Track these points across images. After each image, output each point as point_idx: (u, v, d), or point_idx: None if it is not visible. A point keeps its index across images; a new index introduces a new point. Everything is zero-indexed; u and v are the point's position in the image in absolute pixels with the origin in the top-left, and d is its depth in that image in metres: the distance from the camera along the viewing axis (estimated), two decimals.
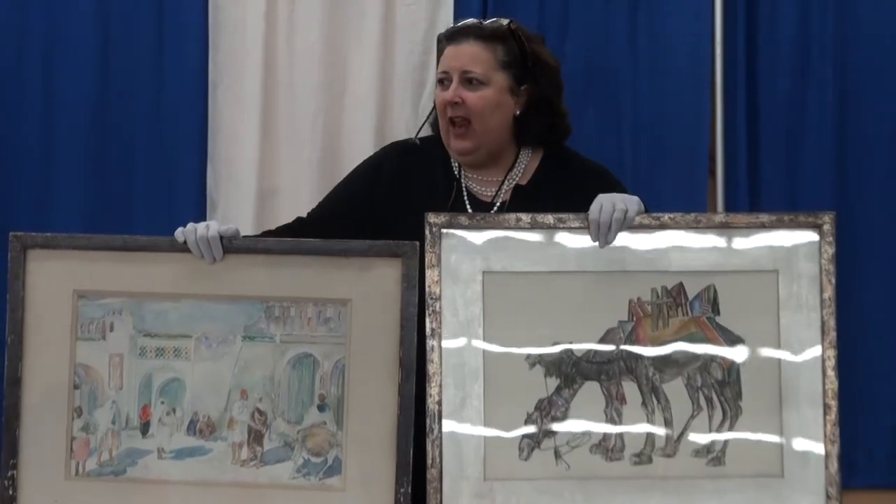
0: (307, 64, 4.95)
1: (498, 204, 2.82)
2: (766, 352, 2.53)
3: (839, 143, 5.12)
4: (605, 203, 2.55)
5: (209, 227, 2.57)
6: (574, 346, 2.53)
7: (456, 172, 2.86)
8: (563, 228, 2.54)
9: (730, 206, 5.04)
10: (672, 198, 4.94)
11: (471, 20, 2.92)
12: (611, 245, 2.54)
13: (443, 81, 2.82)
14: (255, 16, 5.00)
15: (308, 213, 2.90)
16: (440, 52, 2.86)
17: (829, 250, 2.53)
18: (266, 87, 4.96)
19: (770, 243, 2.55)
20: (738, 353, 2.53)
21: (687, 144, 5.13)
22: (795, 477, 2.49)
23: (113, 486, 2.54)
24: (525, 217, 2.55)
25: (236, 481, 2.53)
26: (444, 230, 2.54)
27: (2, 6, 4.97)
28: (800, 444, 2.50)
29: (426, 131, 2.94)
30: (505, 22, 2.86)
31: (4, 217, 4.84)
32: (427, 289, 2.52)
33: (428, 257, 2.53)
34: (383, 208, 2.81)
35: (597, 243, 2.54)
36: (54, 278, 2.56)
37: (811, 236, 2.54)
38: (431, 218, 2.54)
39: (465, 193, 2.84)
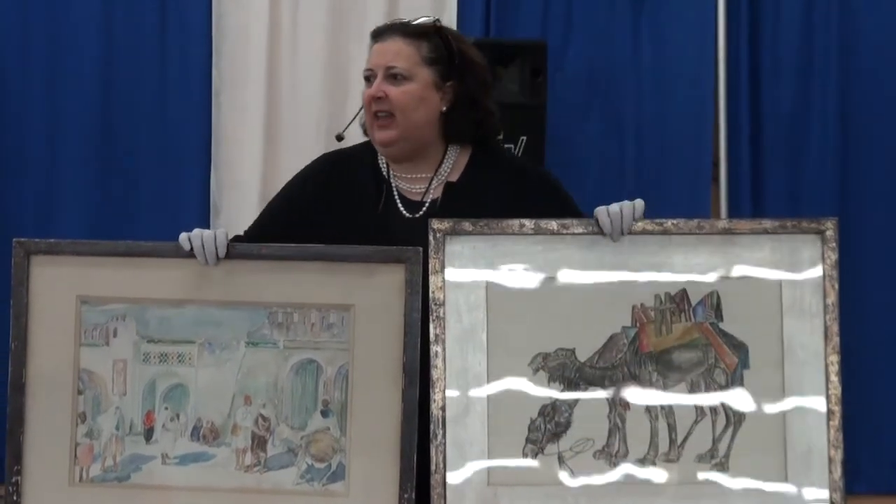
0: (310, 70, 4.96)
1: (428, 202, 2.82)
2: (770, 357, 2.53)
3: (842, 149, 5.13)
4: (611, 205, 2.56)
5: (217, 232, 2.58)
6: (577, 352, 2.53)
7: (385, 174, 2.86)
8: (567, 234, 2.54)
9: (733, 212, 5.04)
10: (675, 203, 4.95)
11: (399, 19, 2.93)
12: (620, 245, 2.53)
13: (369, 78, 2.84)
14: (258, 22, 5.01)
15: (245, 232, 2.88)
16: (369, 52, 2.87)
17: (833, 256, 2.53)
18: (269, 93, 4.97)
19: (773, 249, 2.55)
20: (741, 359, 2.53)
21: (690, 150, 5.14)
22: (799, 482, 2.49)
23: (117, 492, 2.54)
24: (528, 223, 2.55)
25: (240, 487, 2.53)
26: (447, 236, 2.54)
27: (6, 16, 4.99)
28: (803, 449, 2.50)
29: (357, 131, 2.93)
30: (431, 19, 2.87)
31: (8, 223, 4.85)
32: (431, 294, 2.53)
33: (431, 263, 2.54)
34: (315, 219, 2.79)
35: (611, 241, 2.53)
36: (58, 284, 2.57)
37: (814, 242, 2.54)
38: (435, 224, 2.55)
39: (395, 194, 2.84)
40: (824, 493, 2.49)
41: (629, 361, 2.53)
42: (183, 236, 2.58)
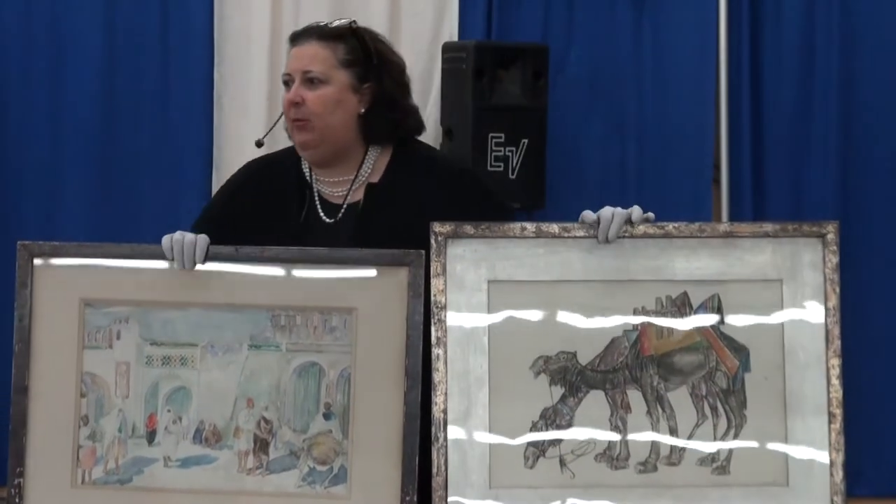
0: None
1: (346, 205, 2.82)
2: (771, 360, 2.53)
3: (844, 152, 5.13)
4: (617, 208, 2.55)
5: (199, 238, 2.57)
6: (579, 355, 2.53)
7: (308, 178, 2.86)
8: (568, 237, 2.55)
9: (734, 213, 5.05)
10: (676, 205, 4.96)
11: (317, 22, 2.93)
12: (621, 248, 2.53)
13: (287, 83, 2.84)
14: (260, 25, 5.02)
15: None
16: (287, 56, 2.87)
17: (833, 259, 2.54)
18: (271, 95, 4.97)
19: (774, 252, 2.55)
20: (742, 362, 2.54)
21: (691, 153, 5.14)
22: (800, 485, 2.50)
23: (119, 495, 2.54)
24: (530, 226, 2.55)
25: (242, 490, 2.54)
26: (449, 239, 2.54)
27: (8, 18, 4.99)
28: (804, 452, 2.50)
29: (282, 136, 2.93)
30: (347, 21, 2.87)
31: (12, 226, 4.86)
32: (432, 297, 2.53)
33: (433, 266, 2.54)
34: (240, 229, 2.78)
35: (605, 243, 2.52)
36: (61, 287, 2.57)
37: (815, 245, 2.54)
38: (437, 227, 2.55)
39: (316, 198, 2.84)
40: (825, 497, 2.49)
41: (630, 364, 2.53)
42: (165, 238, 2.57)
